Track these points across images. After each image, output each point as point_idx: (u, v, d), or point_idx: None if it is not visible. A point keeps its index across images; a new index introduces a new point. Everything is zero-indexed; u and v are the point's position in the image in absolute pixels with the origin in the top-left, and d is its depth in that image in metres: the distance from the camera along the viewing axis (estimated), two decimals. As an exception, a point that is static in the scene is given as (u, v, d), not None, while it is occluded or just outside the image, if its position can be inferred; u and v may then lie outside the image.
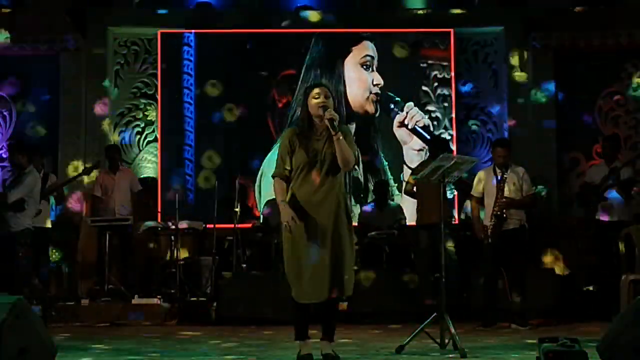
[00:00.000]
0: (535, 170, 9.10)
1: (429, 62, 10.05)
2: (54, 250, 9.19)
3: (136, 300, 8.23)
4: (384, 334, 6.65)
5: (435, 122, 10.01)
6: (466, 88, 10.14)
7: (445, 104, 10.03)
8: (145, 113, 10.09)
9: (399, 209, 9.27)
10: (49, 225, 8.73)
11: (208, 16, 10.08)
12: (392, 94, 9.95)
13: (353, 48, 10.01)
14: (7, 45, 9.69)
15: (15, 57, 9.87)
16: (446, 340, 5.31)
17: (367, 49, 10.03)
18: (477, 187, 7.48)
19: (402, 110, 9.93)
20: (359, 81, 9.98)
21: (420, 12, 10.20)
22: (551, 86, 9.86)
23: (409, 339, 5.27)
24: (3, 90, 9.91)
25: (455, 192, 9.41)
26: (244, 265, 8.62)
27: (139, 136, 10.15)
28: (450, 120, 10.00)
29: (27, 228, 7.56)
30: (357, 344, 5.84)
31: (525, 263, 7.35)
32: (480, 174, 7.55)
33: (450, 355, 5.09)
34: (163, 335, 6.69)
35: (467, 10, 10.19)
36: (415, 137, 9.91)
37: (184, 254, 9.12)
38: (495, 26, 10.15)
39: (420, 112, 9.96)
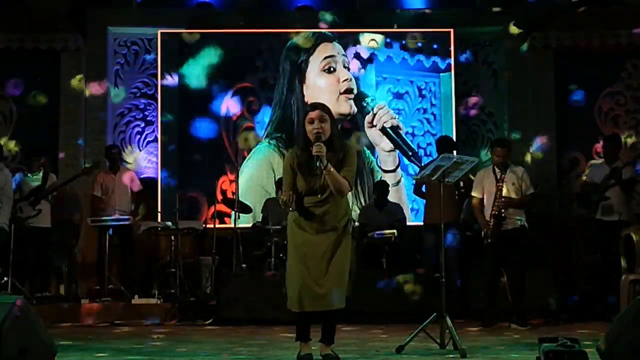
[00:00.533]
0: (535, 171, 9.13)
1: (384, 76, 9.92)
2: (54, 250, 9.19)
3: (136, 300, 8.23)
4: (384, 334, 6.65)
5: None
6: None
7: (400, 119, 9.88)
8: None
9: (399, 208, 9.27)
10: (48, 225, 8.74)
11: (208, 16, 10.08)
12: (365, 92, 9.80)
13: (310, 58, 9.77)
14: (7, 45, 9.71)
15: (16, 57, 9.87)
16: (446, 340, 5.31)
17: (327, 50, 9.82)
18: (477, 188, 7.48)
19: (372, 110, 9.75)
20: (326, 86, 9.74)
21: (420, 11, 10.19)
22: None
23: (409, 339, 5.28)
24: (3, 90, 9.91)
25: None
26: (244, 265, 8.62)
27: (138, 136, 10.15)
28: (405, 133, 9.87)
29: (1, 228, 7.51)
30: (357, 344, 5.85)
31: (525, 263, 7.35)
32: (480, 174, 7.55)
33: (450, 355, 5.10)
34: (163, 336, 6.69)
35: (467, 10, 10.19)
36: (385, 138, 9.80)
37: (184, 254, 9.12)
38: (495, 26, 10.15)
39: (390, 112, 9.77)
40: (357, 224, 8.13)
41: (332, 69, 9.80)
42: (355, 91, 9.77)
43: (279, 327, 7.09)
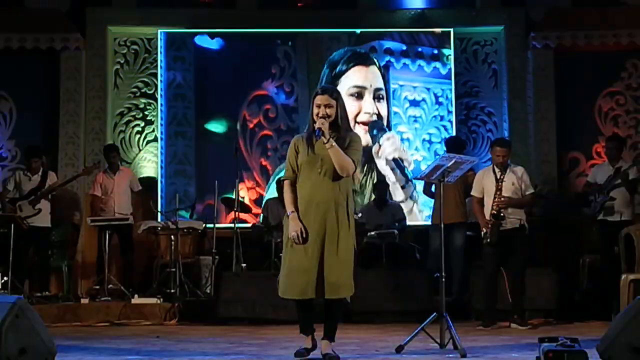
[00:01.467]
0: (535, 171, 9.14)
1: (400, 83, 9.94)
2: (54, 250, 9.19)
3: (136, 300, 8.23)
4: (384, 334, 6.65)
5: (406, 143, 9.91)
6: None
7: (417, 126, 9.94)
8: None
9: (399, 208, 9.27)
10: (48, 224, 8.74)
11: (208, 16, 10.08)
12: (379, 121, 9.76)
13: (342, 77, 9.77)
14: (7, 45, 9.72)
15: (16, 57, 9.87)
16: (446, 340, 5.31)
17: (360, 79, 9.79)
18: (477, 187, 7.48)
19: (379, 140, 9.72)
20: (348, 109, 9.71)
21: (420, 11, 10.19)
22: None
23: (409, 339, 5.27)
24: (3, 89, 9.91)
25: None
26: (244, 265, 8.62)
27: (138, 136, 10.15)
28: (422, 139, 9.91)
29: None
30: (357, 344, 5.85)
31: (525, 263, 7.35)
32: (479, 174, 7.55)
33: (450, 355, 5.10)
34: (163, 335, 6.69)
35: (467, 10, 10.19)
36: (389, 169, 9.78)
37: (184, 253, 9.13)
38: (495, 26, 10.15)
39: (396, 142, 9.73)
40: (359, 215, 8.07)
41: (359, 96, 9.78)
42: (375, 125, 9.74)
43: (279, 327, 7.09)
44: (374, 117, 9.80)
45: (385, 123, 9.83)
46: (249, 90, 10.02)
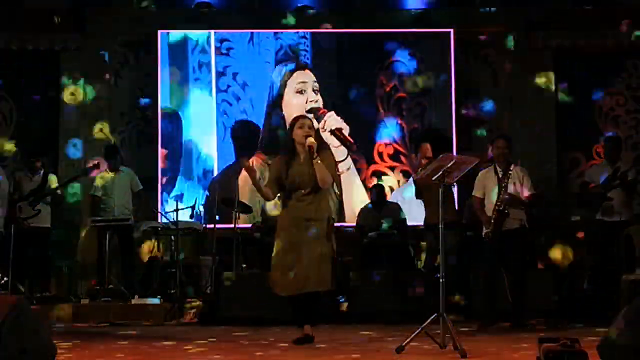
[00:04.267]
0: (535, 171, 9.12)
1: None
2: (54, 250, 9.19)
3: (136, 300, 8.23)
4: (384, 334, 6.64)
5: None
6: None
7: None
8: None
9: (398, 208, 9.28)
10: (48, 225, 8.74)
11: (208, 15, 10.09)
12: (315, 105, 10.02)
13: (288, 80, 10.11)
14: (7, 45, 9.72)
15: (16, 57, 9.87)
16: (446, 340, 5.31)
17: (300, 77, 10.12)
18: (479, 187, 7.47)
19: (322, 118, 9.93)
20: (296, 104, 10.03)
21: (420, 11, 10.19)
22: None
23: (409, 339, 5.27)
24: (3, 89, 9.91)
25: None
26: (244, 265, 8.62)
27: (138, 136, 10.16)
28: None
29: None
30: (357, 344, 5.84)
31: (525, 263, 7.34)
32: (481, 174, 7.55)
33: (450, 355, 5.09)
34: (163, 335, 6.69)
35: (467, 10, 10.19)
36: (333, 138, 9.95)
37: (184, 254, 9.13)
38: (495, 26, 10.14)
39: (336, 117, 9.91)
40: (354, 224, 8.21)
41: (302, 91, 10.10)
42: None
43: (279, 327, 7.09)
44: (318, 104, 10.06)
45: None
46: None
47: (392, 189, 9.92)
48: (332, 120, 9.96)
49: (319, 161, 5.59)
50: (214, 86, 10.10)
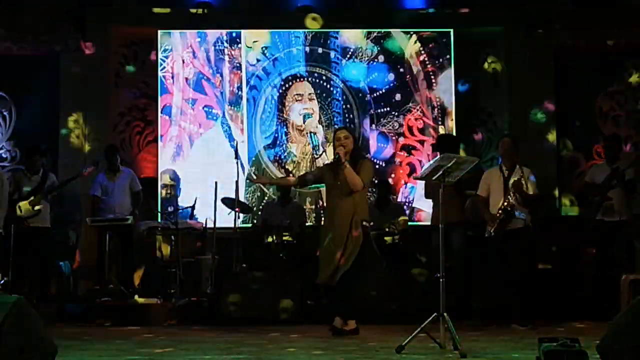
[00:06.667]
0: (535, 171, 9.11)
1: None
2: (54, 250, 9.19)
3: (136, 300, 8.22)
4: (384, 334, 6.65)
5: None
6: (464, 87, 10.13)
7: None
8: None
9: (400, 208, 9.27)
10: (48, 225, 8.74)
11: (208, 15, 10.09)
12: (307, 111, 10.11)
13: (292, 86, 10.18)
14: (7, 45, 9.72)
15: (16, 57, 9.87)
16: (446, 340, 5.31)
17: (297, 89, 10.16)
18: (483, 186, 7.48)
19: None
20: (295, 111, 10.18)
21: (421, 11, 10.19)
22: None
23: (409, 339, 5.27)
24: (3, 90, 9.91)
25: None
26: (244, 265, 8.62)
27: (138, 136, 10.16)
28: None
29: None
30: (357, 344, 5.85)
31: (527, 263, 7.34)
32: (486, 174, 7.56)
33: (450, 355, 5.10)
34: (163, 335, 6.69)
35: (467, 10, 10.20)
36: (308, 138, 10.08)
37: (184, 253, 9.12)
38: (495, 26, 10.15)
39: (315, 122, 10.05)
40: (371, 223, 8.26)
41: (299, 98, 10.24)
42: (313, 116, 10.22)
43: (279, 327, 7.09)
44: (310, 110, 10.15)
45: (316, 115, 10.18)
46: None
47: (420, 162, 9.91)
48: (313, 124, 10.17)
49: (348, 166, 6.42)
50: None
